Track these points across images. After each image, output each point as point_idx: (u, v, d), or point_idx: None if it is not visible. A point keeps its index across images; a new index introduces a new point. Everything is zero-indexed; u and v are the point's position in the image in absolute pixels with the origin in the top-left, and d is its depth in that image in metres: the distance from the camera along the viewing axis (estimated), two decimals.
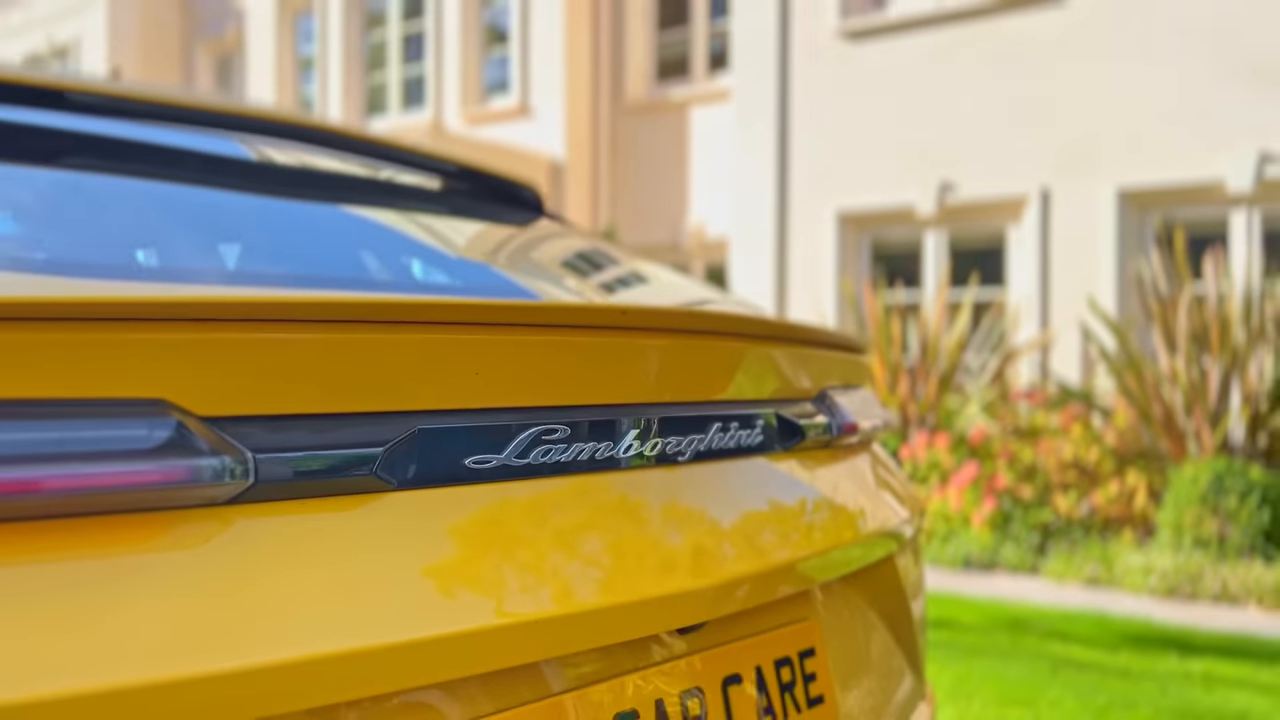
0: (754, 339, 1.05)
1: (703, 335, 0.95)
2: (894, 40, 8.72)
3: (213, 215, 1.08)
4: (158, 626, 0.61)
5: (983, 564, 6.66)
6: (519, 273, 1.32)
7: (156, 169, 1.08)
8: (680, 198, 10.96)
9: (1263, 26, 7.20)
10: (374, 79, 13.38)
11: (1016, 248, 8.28)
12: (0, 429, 0.59)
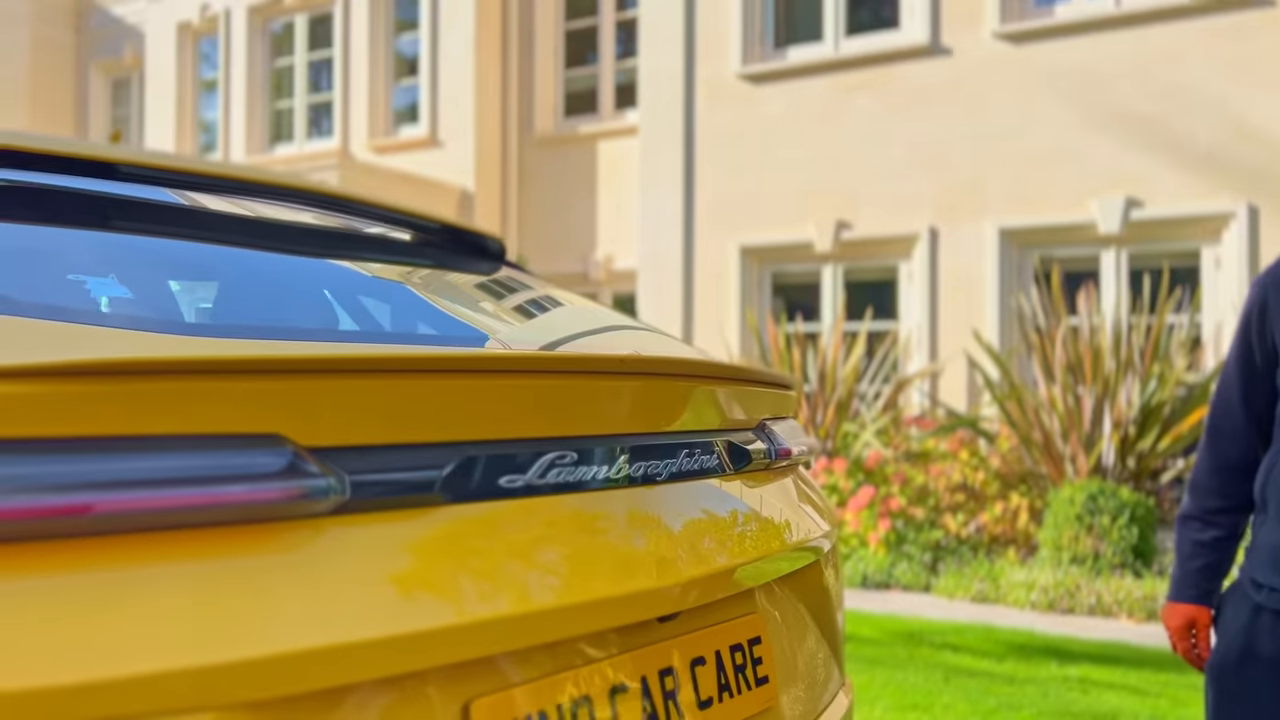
0: (711, 380, 1.27)
1: (676, 378, 1.17)
2: (793, 84, 9.16)
3: (255, 273, 1.26)
4: (276, 607, 0.80)
5: (879, 582, 7.01)
6: (502, 320, 1.52)
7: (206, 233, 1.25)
8: (589, 229, 11.20)
9: (1129, 82, 7.84)
10: (279, 105, 13.31)
11: (907, 282, 8.76)
12: (192, 454, 0.77)
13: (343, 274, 1.48)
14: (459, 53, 11.57)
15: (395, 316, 1.34)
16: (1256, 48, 7.43)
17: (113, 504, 0.73)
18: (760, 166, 9.26)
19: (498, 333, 1.50)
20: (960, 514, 7.31)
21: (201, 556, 0.79)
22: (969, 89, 8.43)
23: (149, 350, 0.82)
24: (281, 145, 13.16)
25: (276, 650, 0.78)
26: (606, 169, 11.12)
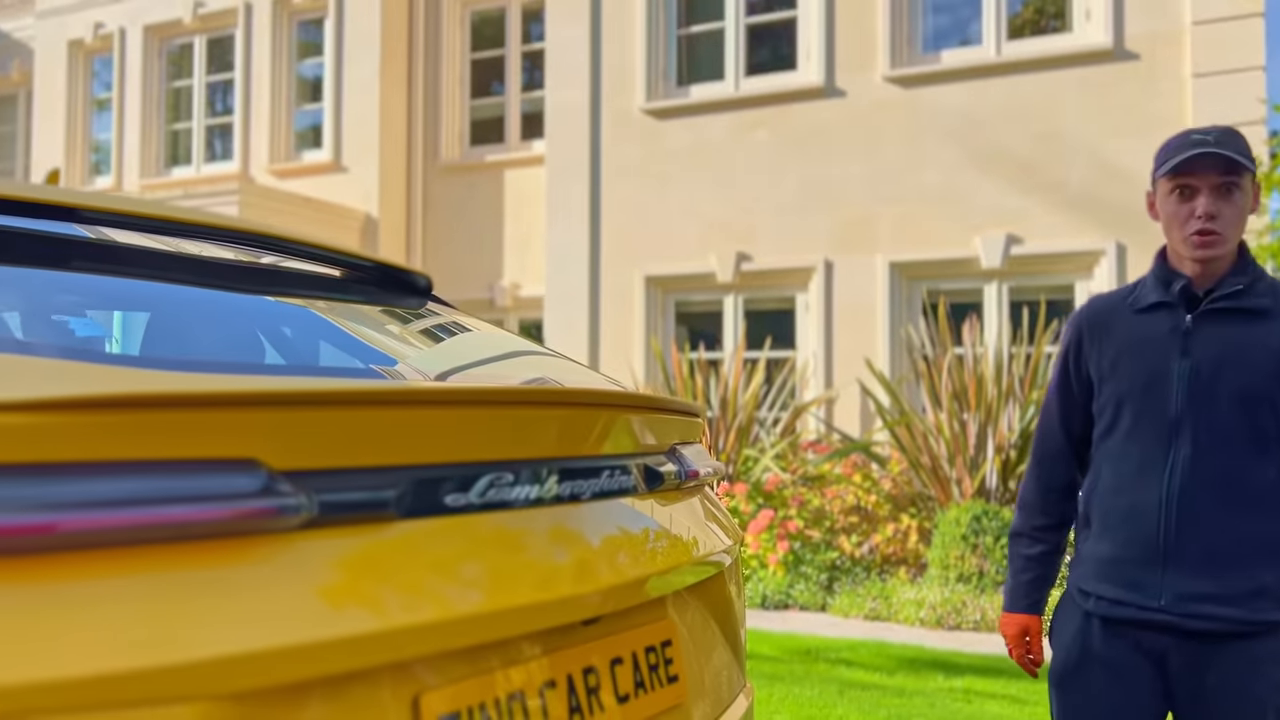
0: (629, 408, 1.42)
1: (599, 408, 1.31)
2: (696, 120, 9.45)
3: (198, 310, 1.36)
4: (252, 609, 0.91)
5: (777, 602, 7.24)
6: (437, 354, 1.64)
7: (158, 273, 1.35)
8: (495, 256, 11.28)
9: (1009, 126, 8.33)
10: (175, 127, 13.06)
11: (804, 313, 9.09)
12: (176, 477, 0.88)
13: (284, 310, 1.58)
14: (365, 79, 11.57)
15: (337, 351, 1.45)
16: (1121, 97, 8.00)
17: (112, 521, 0.84)
18: (664, 199, 9.50)
19: (433, 365, 1.62)
20: (854, 535, 7.60)
21: (188, 566, 0.90)
22: (861, 129, 8.83)
23: (145, 384, 0.92)
24: (178, 168, 12.91)
25: (254, 648, 0.89)
26: (513, 197, 11.23)
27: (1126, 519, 1.86)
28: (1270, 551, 1.78)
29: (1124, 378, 1.88)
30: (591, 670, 1.26)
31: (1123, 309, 1.95)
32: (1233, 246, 1.85)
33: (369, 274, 1.87)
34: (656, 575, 1.35)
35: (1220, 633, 1.78)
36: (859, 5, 8.88)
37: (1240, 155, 1.81)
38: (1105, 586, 1.87)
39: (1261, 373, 1.79)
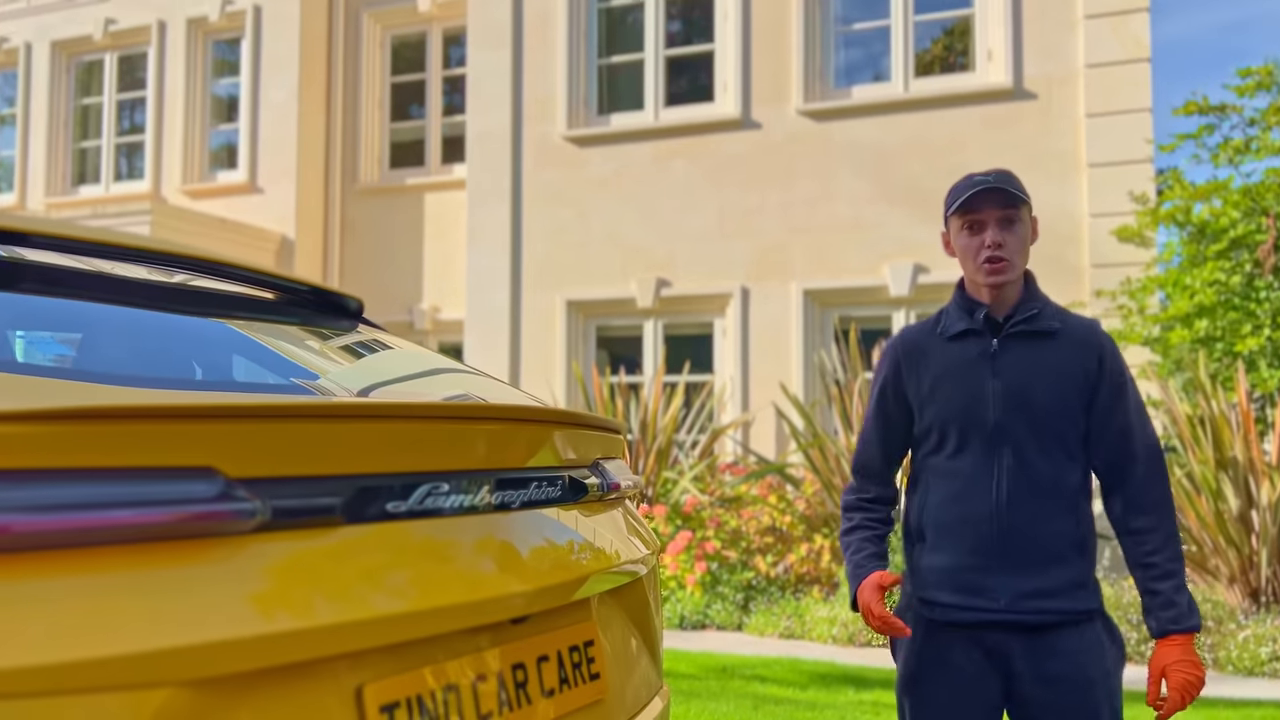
0: (557, 424, 1.53)
1: (530, 423, 1.42)
2: (616, 148, 9.62)
3: (148, 330, 1.43)
4: (212, 604, 0.99)
5: (695, 623, 7.36)
6: (368, 372, 1.73)
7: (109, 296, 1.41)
8: (414, 279, 11.26)
9: (916, 159, 8.68)
10: (84, 145, 12.76)
11: (722, 338, 9.29)
12: (141, 483, 0.96)
13: (221, 331, 1.65)
14: (282, 100, 11.48)
15: (276, 370, 1.53)
16: (1021, 134, 8.41)
17: (108, 520, 0.92)
18: (585, 225, 9.64)
19: (366, 383, 1.71)
20: (770, 555, 7.77)
21: (152, 565, 0.97)
22: (776, 160, 9.10)
23: (113, 399, 1.00)
24: (86, 186, 12.60)
25: (211, 639, 0.97)
26: (433, 220, 11.24)
27: (962, 529, 2.03)
28: (1078, 547, 2.00)
29: (944, 400, 2.06)
30: (520, 666, 1.36)
31: (934, 338, 2.13)
32: (1019, 273, 2.05)
33: (303, 297, 1.95)
34: (580, 580, 1.46)
35: (1053, 624, 1.98)
36: (774, 40, 9.17)
37: (1016, 190, 2.02)
38: (947, 594, 2.03)
39: (1060, 386, 2.01)
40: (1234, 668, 5.81)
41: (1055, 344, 2.04)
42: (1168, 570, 2.00)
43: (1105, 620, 2.06)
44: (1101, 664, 2.00)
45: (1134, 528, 2.05)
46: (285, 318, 1.85)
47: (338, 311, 2.00)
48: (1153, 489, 2.05)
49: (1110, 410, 2.04)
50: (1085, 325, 2.11)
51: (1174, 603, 1.98)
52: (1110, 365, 2.06)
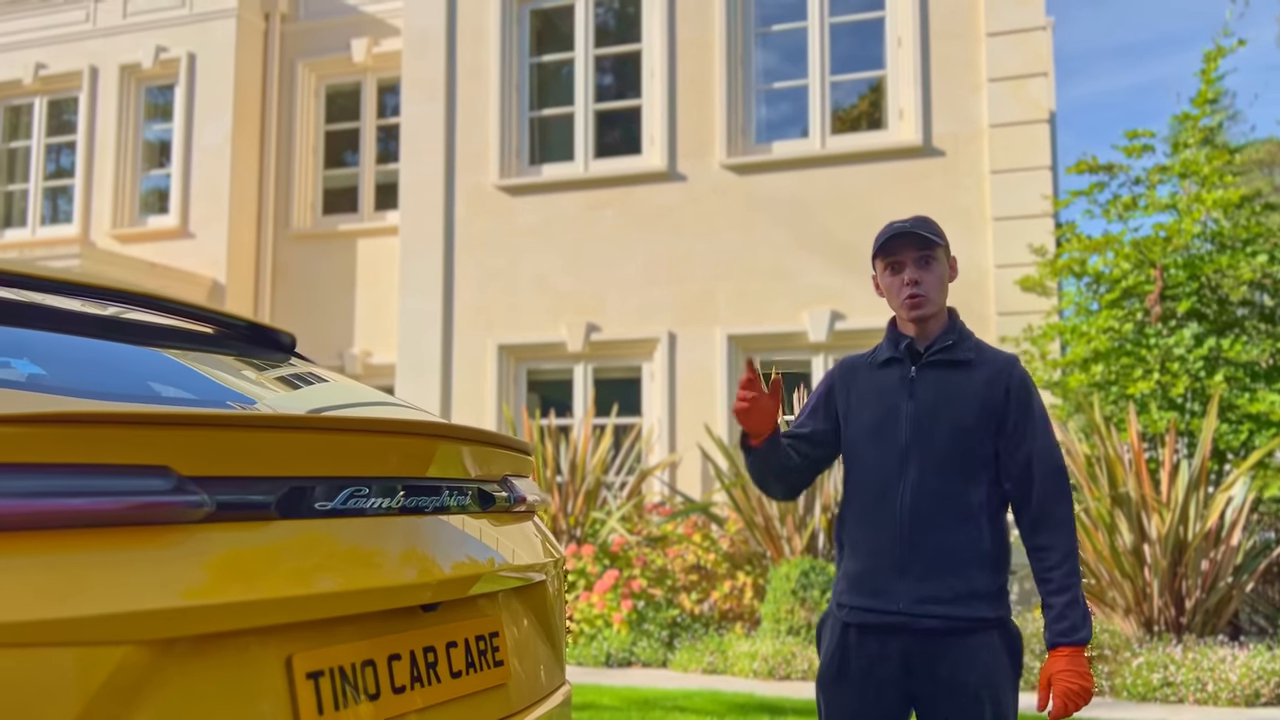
0: (468, 442, 1.74)
1: (444, 439, 1.63)
2: (547, 197, 9.90)
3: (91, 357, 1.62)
4: (166, 578, 1.19)
5: (621, 660, 7.51)
6: (300, 399, 1.93)
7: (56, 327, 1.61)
8: (346, 324, 11.36)
9: (832, 211, 9.10)
10: (10, 188, 12.67)
11: (649, 381, 9.55)
12: (95, 477, 1.15)
13: (165, 360, 1.85)
14: (215, 145, 11.57)
15: (217, 394, 1.73)
16: (930, 188, 8.88)
17: (77, 506, 1.12)
18: (517, 271, 9.87)
19: (299, 407, 1.91)
20: (694, 593, 7.98)
21: (116, 546, 1.17)
22: (701, 211, 9.46)
23: (83, 406, 1.20)
24: (12, 229, 12.50)
25: (163, 607, 1.17)
26: (366, 266, 11.38)
27: (870, 537, 2.27)
28: (979, 559, 2.22)
29: (865, 418, 2.32)
30: (431, 649, 1.57)
31: (865, 365, 2.40)
32: (939, 308, 2.32)
33: (240, 331, 2.14)
34: (483, 577, 1.67)
35: (944, 630, 2.19)
36: (698, 96, 9.57)
37: (931, 234, 2.30)
38: (855, 596, 2.27)
39: (968, 410, 2.26)
40: (1129, 694, 6.15)
41: (968, 373, 2.28)
42: (1063, 585, 2.20)
43: (1005, 632, 2.23)
44: (991, 672, 2.17)
45: (1036, 544, 2.25)
46: (222, 349, 2.05)
47: (272, 345, 2.20)
48: (1055, 509, 2.24)
49: (1017, 436, 2.25)
50: (999, 358, 2.34)
51: (1065, 616, 2.18)
52: (1016, 395, 2.27)
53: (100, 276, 1.83)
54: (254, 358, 2.09)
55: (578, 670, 7.26)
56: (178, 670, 1.18)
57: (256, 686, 1.27)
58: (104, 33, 12.18)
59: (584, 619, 7.83)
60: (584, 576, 8.00)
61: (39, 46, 12.39)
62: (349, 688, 1.39)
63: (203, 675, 1.21)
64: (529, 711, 1.80)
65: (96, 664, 1.09)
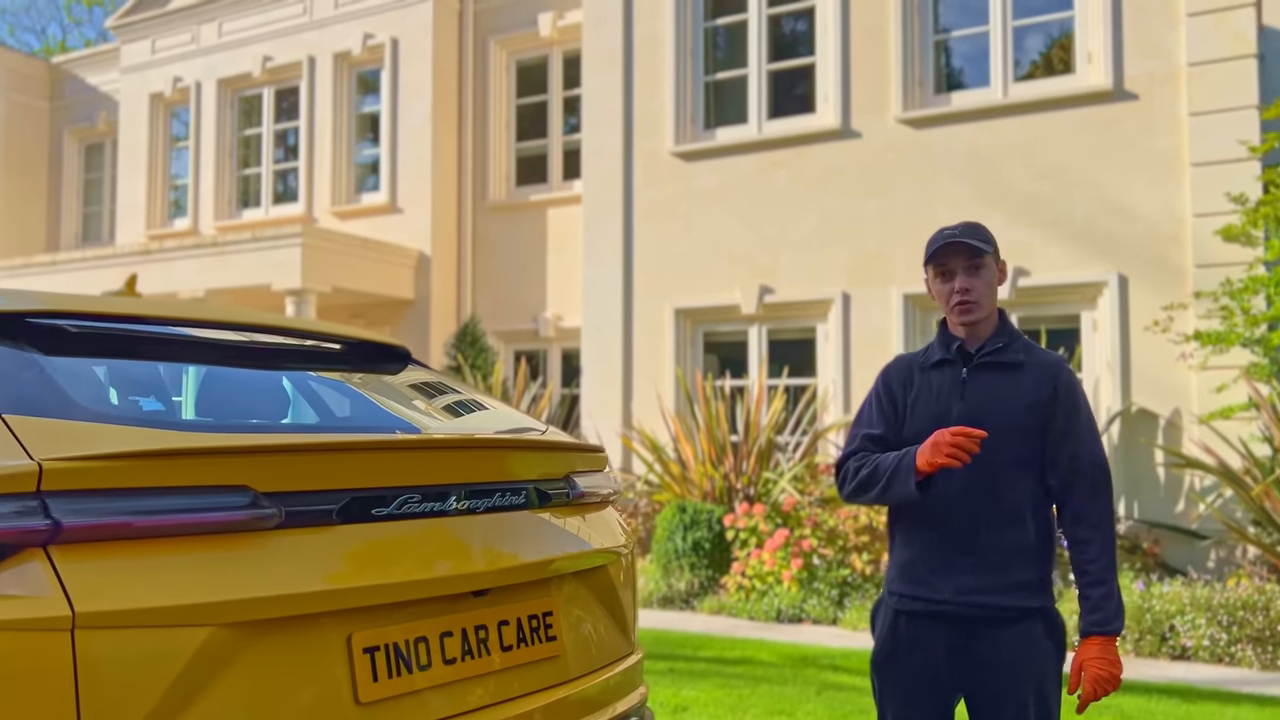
0: (528, 449, 2.03)
1: (493, 449, 1.92)
2: (721, 161, 10.05)
3: (227, 381, 2.00)
4: (243, 575, 1.53)
5: (791, 616, 7.73)
6: (401, 406, 2.28)
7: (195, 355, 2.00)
8: (539, 289, 11.99)
9: (1016, 163, 8.77)
10: (246, 172, 14.05)
11: (824, 342, 9.59)
12: (198, 496, 1.51)
13: (293, 379, 2.23)
14: (418, 124, 12.40)
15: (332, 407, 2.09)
16: (1122, 135, 8.40)
17: (173, 520, 1.47)
18: (692, 236, 10.11)
19: (401, 416, 2.25)
20: (866, 554, 8.06)
21: (206, 549, 1.52)
22: (876, 168, 9.34)
23: (181, 442, 1.56)
24: (249, 210, 13.88)
25: (244, 597, 1.51)
26: (555, 233, 11.94)
27: (919, 530, 2.39)
28: (1023, 552, 2.30)
29: (918, 419, 2.42)
30: (482, 627, 1.87)
31: (917, 366, 2.49)
32: (988, 312, 2.39)
33: (359, 349, 2.51)
34: (533, 565, 1.96)
35: (988, 618, 2.29)
36: (873, 51, 9.41)
37: (980, 242, 2.36)
38: (904, 585, 2.40)
39: (1016, 411, 2.32)
40: None
41: (1018, 375, 2.37)
42: (1100, 578, 2.29)
43: (1048, 621, 2.33)
44: (1034, 659, 2.28)
45: (1076, 538, 2.34)
46: (346, 366, 2.42)
47: (390, 358, 2.56)
48: (1095, 504, 2.33)
49: (1062, 434, 2.34)
50: (1048, 360, 2.42)
51: (1100, 608, 2.27)
52: (1064, 395, 2.35)
53: (237, 312, 2.23)
54: (374, 371, 2.45)
55: (748, 624, 7.55)
56: (252, 646, 1.53)
57: (320, 659, 1.60)
58: (319, 24, 13.23)
59: (755, 575, 8.09)
60: (755, 535, 8.25)
61: (265, 40, 13.61)
62: (401, 660, 1.70)
63: (274, 651, 1.55)
64: (585, 680, 2.08)
65: (186, 642, 1.45)
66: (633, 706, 2.26)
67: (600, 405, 10.39)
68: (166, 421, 1.65)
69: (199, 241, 11.91)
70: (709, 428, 8.96)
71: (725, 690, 5.14)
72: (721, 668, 5.81)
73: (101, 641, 1.38)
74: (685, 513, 8.51)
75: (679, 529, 8.48)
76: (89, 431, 1.53)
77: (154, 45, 14.51)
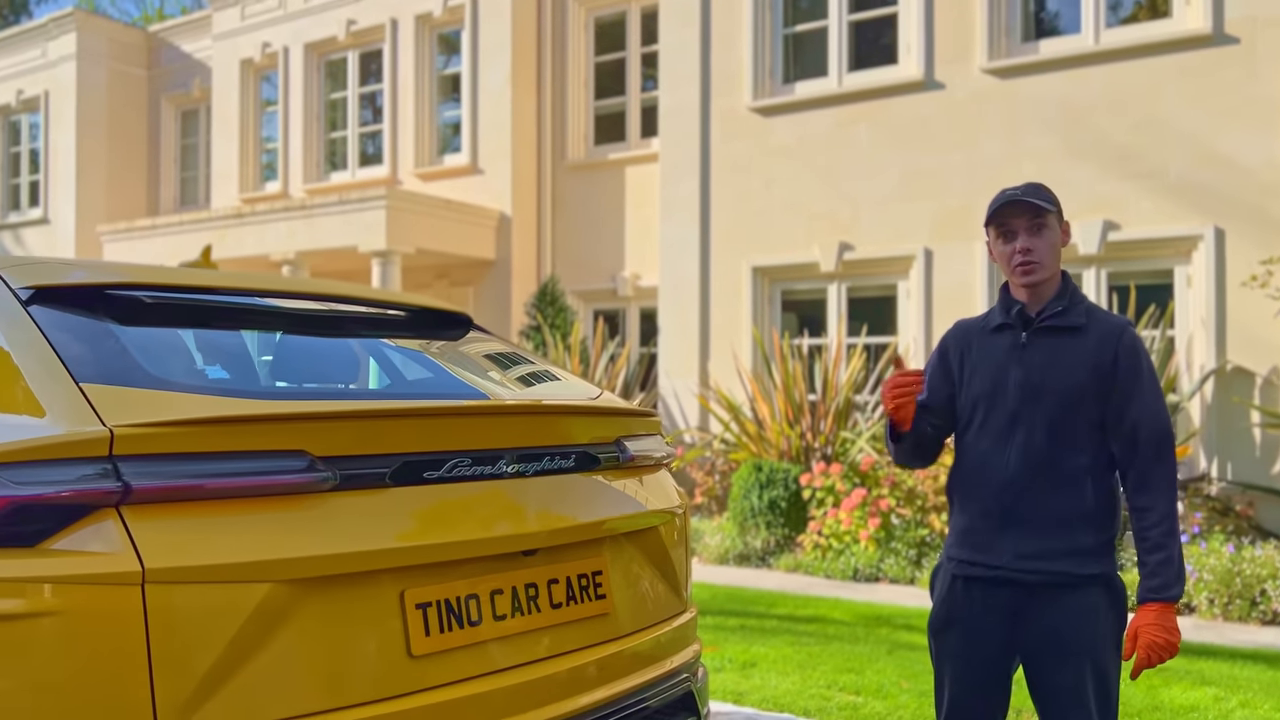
0: (577, 414, 2.08)
1: (541, 415, 1.98)
2: (800, 116, 9.91)
3: (294, 349, 2.10)
4: (300, 534, 1.62)
5: (868, 575, 7.73)
6: (461, 371, 2.35)
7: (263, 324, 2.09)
8: (617, 248, 12.04)
9: (1107, 113, 8.45)
10: (333, 135, 14.35)
11: (905, 299, 9.45)
12: (258, 460, 1.60)
13: (357, 346, 2.32)
14: (498, 86, 12.48)
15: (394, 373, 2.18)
16: (1222, 82, 8.01)
17: (234, 482, 1.57)
18: (770, 192, 10.02)
19: (459, 381, 2.33)
20: (944, 514, 7.98)
21: (267, 510, 1.62)
22: (959, 120, 9.10)
23: (245, 409, 1.65)
24: (336, 172, 14.19)
25: (302, 555, 1.60)
26: (633, 192, 11.95)
27: (977, 496, 2.37)
28: (1083, 518, 2.26)
29: (976, 384, 2.39)
30: (533, 585, 1.94)
31: (979, 330, 2.46)
32: (1050, 274, 2.33)
33: (422, 316, 2.59)
34: (581, 527, 2.02)
35: (1046, 584, 2.27)
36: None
37: (1043, 201, 2.30)
38: (962, 550, 2.39)
39: (1076, 376, 2.28)
40: None
41: (1078, 339, 2.31)
42: (1159, 544, 2.25)
43: (1109, 587, 2.29)
44: (1092, 627, 2.25)
45: (1137, 504, 2.29)
46: (410, 333, 2.50)
47: (452, 324, 2.63)
48: (1157, 470, 2.27)
49: (1124, 399, 2.29)
50: (1110, 322, 2.35)
51: (1158, 574, 2.23)
52: (1125, 360, 2.29)
53: (304, 282, 2.33)
54: (436, 337, 2.53)
55: (824, 583, 7.57)
56: (309, 602, 1.62)
57: (374, 614, 1.69)
58: None
59: (831, 534, 8.09)
60: (832, 494, 8.23)
61: (348, 4, 13.81)
62: (453, 616, 1.79)
63: (330, 606, 1.64)
64: (635, 637, 2.15)
65: (248, 596, 1.55)
66: (685, 662, 2.32)
67: (677, 364, 10.43)
68: (230, 389, 1.74)
69: (288, 205, 12.24)
70: (786, 387, 8.94)
71: (795, 647, 5.19)
72: (793, 625, 5.86)
73: (169, 595, 1.48)
74: (761, 471, 8.53)
75: (755, 487, 8.51)
76: (158, 399, 1.63)
77: (244, 12, 14.84)
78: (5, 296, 1.82)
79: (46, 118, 16.39)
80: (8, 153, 17.29)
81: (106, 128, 16.27)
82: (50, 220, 16.31)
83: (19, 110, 17.09)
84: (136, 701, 1.45)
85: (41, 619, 1.43)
